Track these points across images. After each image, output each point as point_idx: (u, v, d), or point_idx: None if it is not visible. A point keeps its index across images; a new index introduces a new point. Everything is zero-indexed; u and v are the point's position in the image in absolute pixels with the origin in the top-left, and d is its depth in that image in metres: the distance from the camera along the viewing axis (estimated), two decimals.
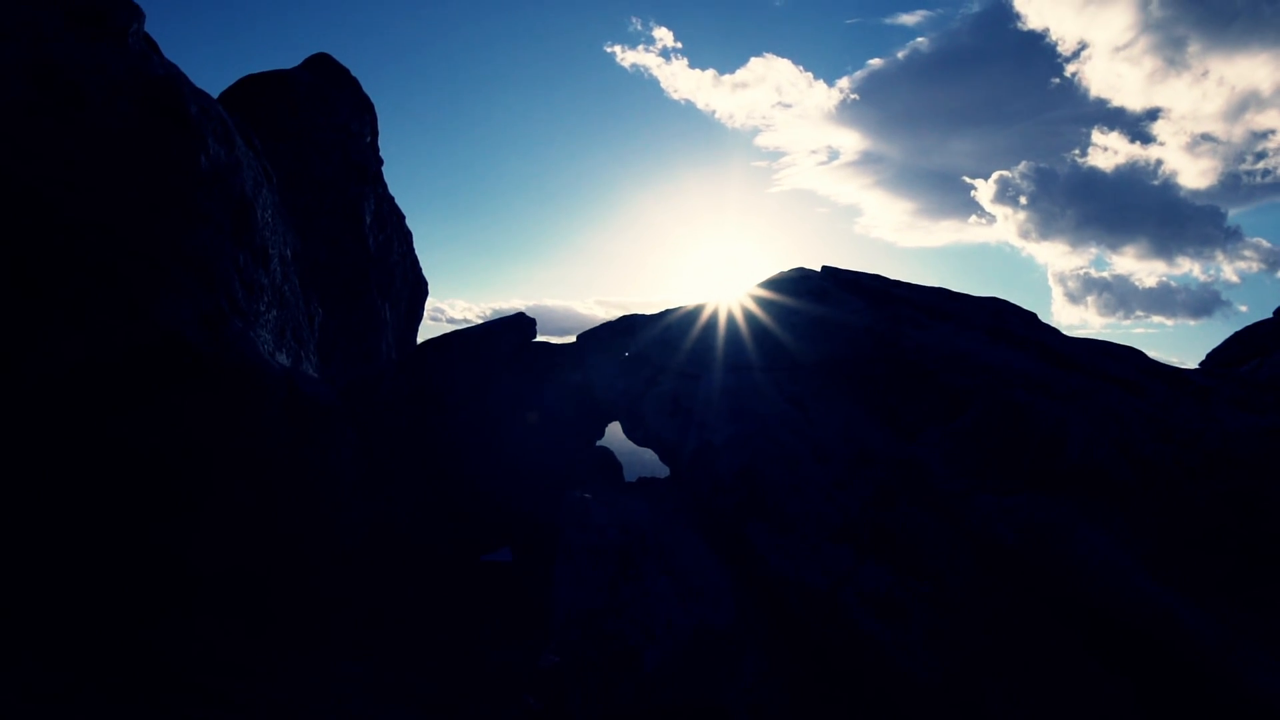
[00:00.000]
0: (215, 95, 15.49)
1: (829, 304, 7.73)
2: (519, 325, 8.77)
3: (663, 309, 8.51)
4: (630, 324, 8.36)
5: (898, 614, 4.84)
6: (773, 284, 8.53)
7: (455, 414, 8.38)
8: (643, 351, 7.93)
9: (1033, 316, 7.65)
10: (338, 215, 15.46)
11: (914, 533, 5.22)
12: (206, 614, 6.18)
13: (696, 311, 8.10)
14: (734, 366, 7.23)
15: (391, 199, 18.40)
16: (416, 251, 19.06)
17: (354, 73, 17.75)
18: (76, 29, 5.82)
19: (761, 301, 7.90)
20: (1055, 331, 7.39)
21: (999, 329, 6.86)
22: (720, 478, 6.12)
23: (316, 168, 15.28)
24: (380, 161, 18.58)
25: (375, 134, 18.17)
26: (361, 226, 15.87)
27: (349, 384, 8.15)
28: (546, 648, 6.59)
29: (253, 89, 15.36)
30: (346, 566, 6.65)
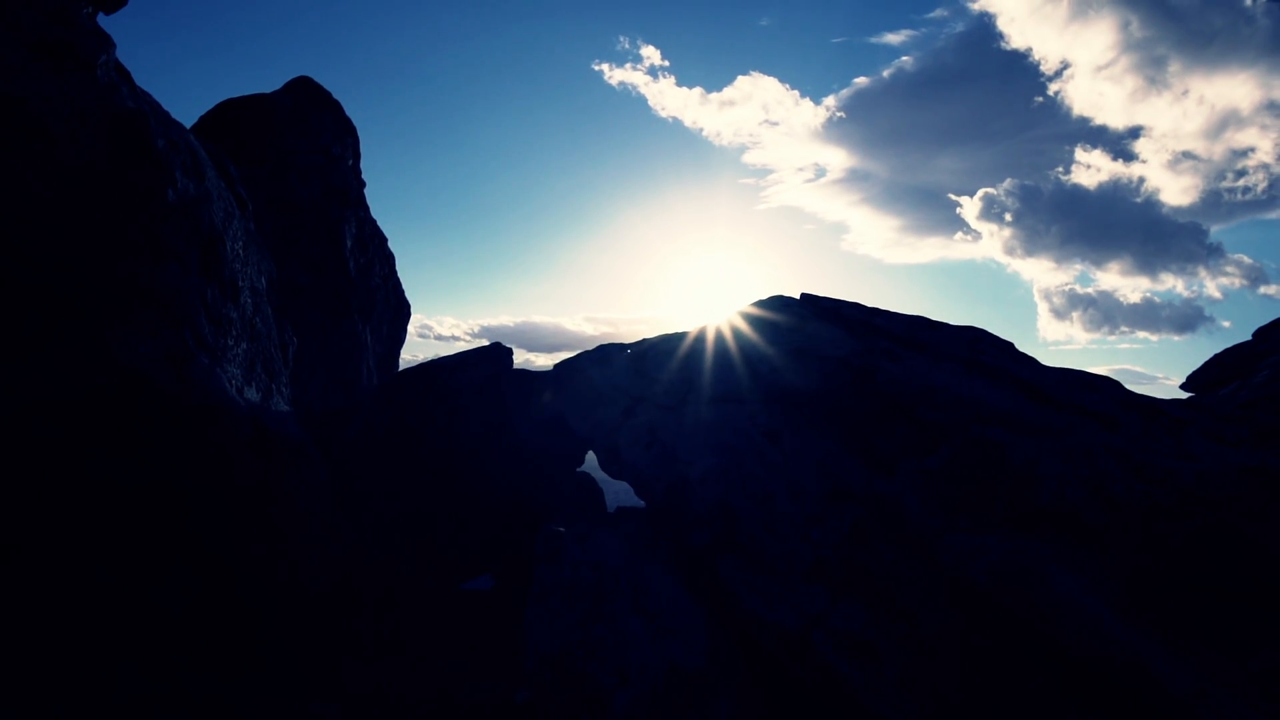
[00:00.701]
0: (197, 118, 15.50)
1: (807, 334, 7.71)
2: (494, 356, 8.71)
3: (640, 339, 8.47)
4: (606, 354, 8.30)
5: (870, 655, 4.77)
6: (751, 313, 8.51)
7: (431, 445, 8.29)
8: (619, 383, 7.88)
9: (1009, 346, 7.64)
10: (318, 239, 15.38)
11: (888, 571, 5.17)
12: (176, 653, 6.06)
13: (674, 341, 8.05)
14: (711, 398, 7.18)
15: (373, 221, 18.35)
16: (404, 270, 19.11)
17: (344, 90, 17.84)
18: (43, 60, 5.75)
19: (739, 332, 7.87)
20: (1032, 362, 7.38)
21: (975, 361, 6.84)
22: (694, 513, 6.05)
23: (297, 191, 15.21)
24: (362, 184, 18.55)
25: (357, 157, 18.14)
26: (342, 250, 15.79)
27: (324, 415, 8.06)
28: (520, 684, 6.49)
29: (232, 113, 15.30)
30: (318, 603, 6.53)
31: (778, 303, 8.70)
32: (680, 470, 6.43)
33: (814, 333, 7.89)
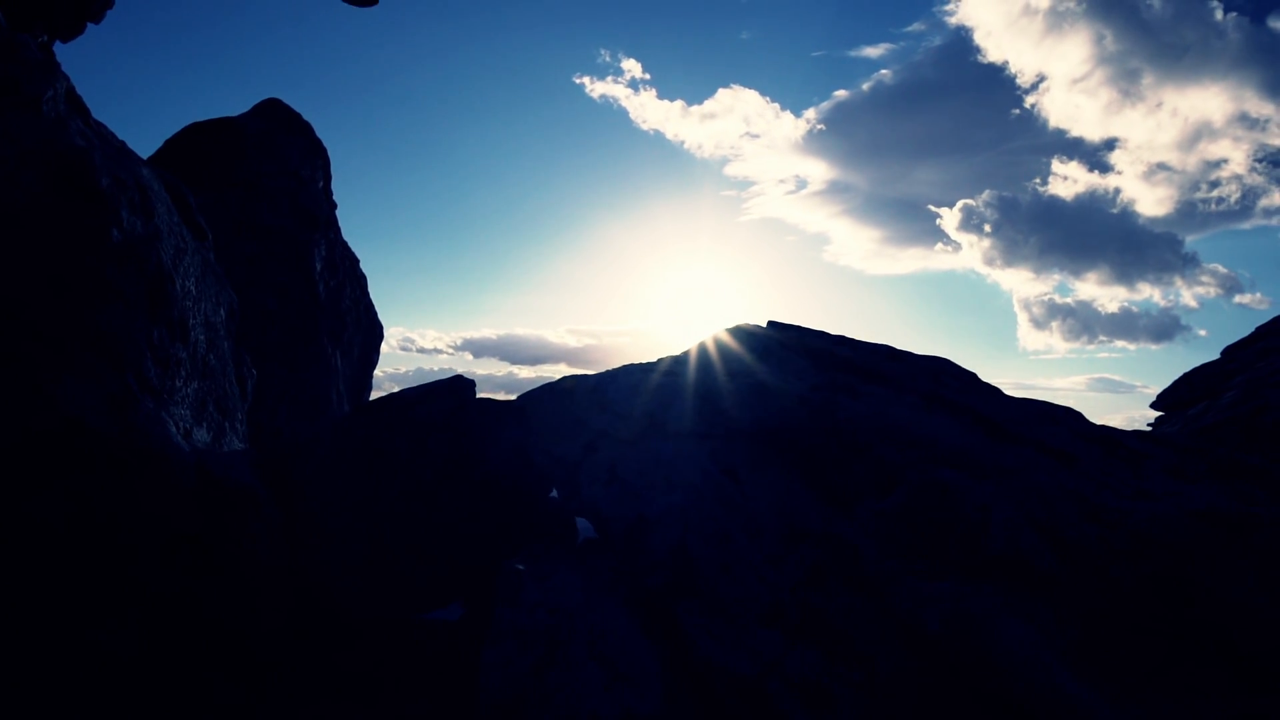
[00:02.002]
0: (163, 140, 15.41)
1: (770, 365, 7.67)
2: (457, 389, 8.61)
3: (605, 369, 8.40)
4: (569, 386, 8.23)
5: (826, 703, 4.70)
6: (717, 342, 8.47)
7: (393, 479, 8.17)
8: (581, 416, 7.80)
9: (972, 378, 7.64)
10: (286, 263, 15.22)
11: (844, 615, 5.11)
12: (122, 696, 5.92)
13: (637, 373, 7.99)
14: (672, 433, 7.11)
15: (345, 244, 18.20)
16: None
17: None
18: None
19: (702, 364, 7.82)
20: (994, 394, 7.37)
21: (936, 394, 6.83)
22: (652, 555, 5.98)
23: (264, 215, 15.06)
24: (333, 206, 18.42)
25: (328, 179, 18.03)
26: (311, 273, 15.64)
27: (283, 448, 7.93)
28: None
29: (198, 137, 15.16)
30: (270, 646, 6.41)
31: (742, 332, 8.67)
32: (639, 509, 6.36)
33: (779, 362, 7.85)
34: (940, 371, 7.72)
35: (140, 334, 5.66)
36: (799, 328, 9.32)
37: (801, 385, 7.08)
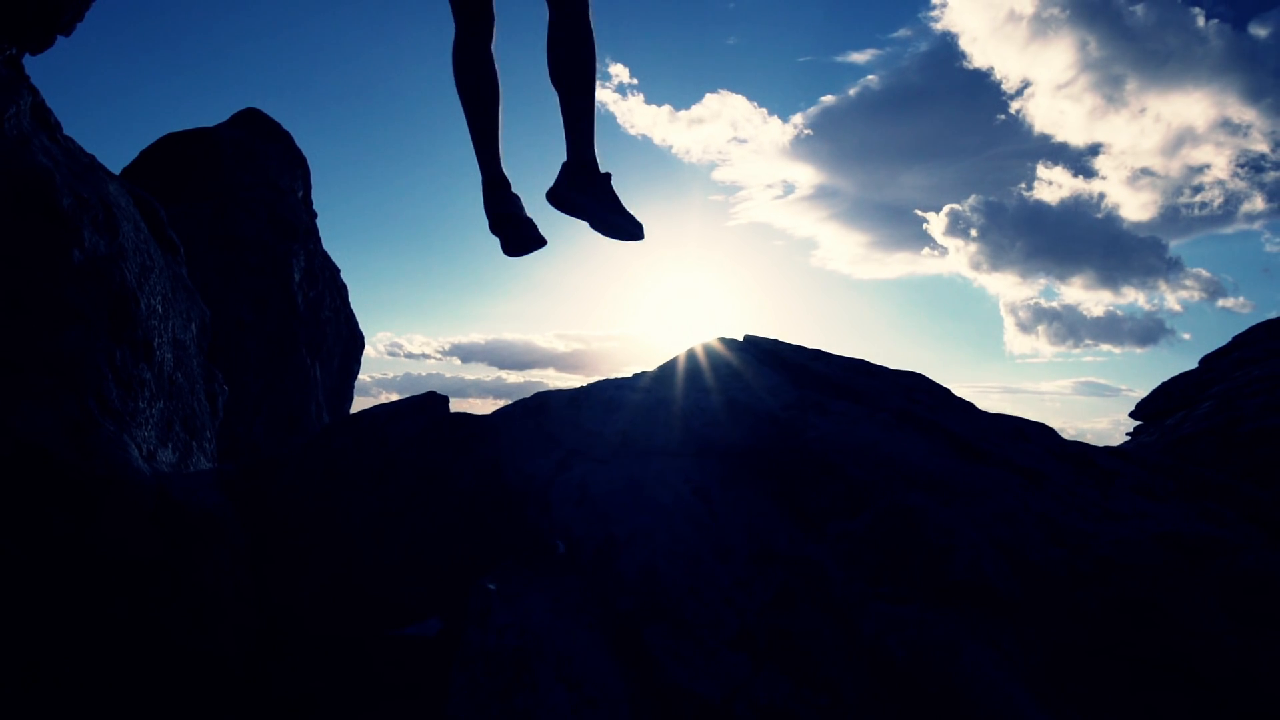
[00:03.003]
0: (139, 151, 15.28)
1: (744, 382, 7.65)
2: (429, 406, 8.55)
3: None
4: (544, 402, 8.18)
5: None
6: (692, 359, 8.46)
7: (364, 495, 8.11)
8: (554, 433, 7.75)
9: (946, 394, 7.65)
10: (264, 274, 15.15)
11: (812, 638, 5.08)
12: None
13: (610, 390, 7.96)
14: (644, 452, 7.08)
15: (325, 254, 18.13)
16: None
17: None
18: None
19: (676, 380, 7.80)
20: (967, 410, 7.37)
21: (908, 412, 6.82)
22: (621, 577, 5.94)
23: (241, 226, 14.99)
24: (313, 215, 18.34)
25: (308, 188, 17.96)
26: (290, 284, 15.57)
27: (251, 467, 7.85)
28: None
29: (174, 147, 15.07)
30: (233, 671, 6.33)
31: (718, 348, 8.66)
32: (609, 529, 6.32)
33: (750, 381, 7.83)
34: (914, 388, 7.71)
35: (102, 356, 5.58)
36: (775, 342, 9.30)
37: (774, 402, 7.05)
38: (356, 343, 19.12)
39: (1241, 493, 6.02)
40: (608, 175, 4.99)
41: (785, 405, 6.80)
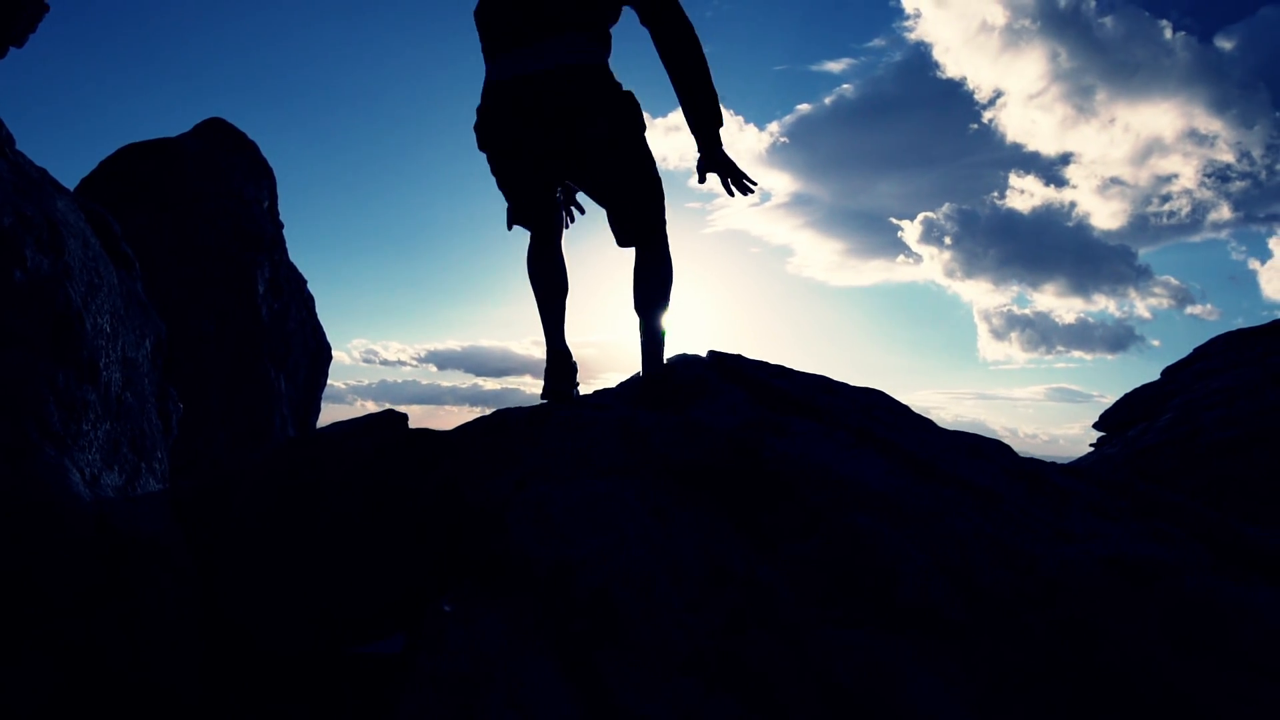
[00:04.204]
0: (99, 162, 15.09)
1: (704, 400, 7.64)
2: (387, 422, 8.46)
3: (538, 403, 8.30)
4: (504, 420, 8.11)
5: None
6: (654, 392, 8.43)
7: (320, 514, 8.00)
8: (514, 451, 7.68)
9: (905, 411, 7.67)
10: (227, 286, 14.99)
11: (763, 663, 5.06)
12: None
13: (572, 407, 7.91)
14: (604, 470, 7.03)
15: (291, 264, 17.98)
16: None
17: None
18: None
19: (636, 398, 7.77)
20: (925, 428, 7.41)
21: (866, 430, 6.84)
22: (575, 599, 5.88)
23: (204, 237, 14.82)
24: (279, 226, 18.18)
25: (274, 199, 17.79)
26: (254, 296, 15.42)
27: (204, 487, 7.72)
28: None
29: (134, 158, 14.87)
30: (187, 695, 6.21)
31: (680, 362, 8.65)
32: (564, 550, 6.26)
33: (715, 394, 7.82)
34: (873, 405, 7.72)
35: (43, 379, 5.48)
36: (738, 358, 9.28)
37: (732, 421, 7.04)
38: (324, 354, 18.95)
39: (1192, 511, 6.08)
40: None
41: (744, 424, 6.80)
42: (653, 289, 7.27)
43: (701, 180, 7.06)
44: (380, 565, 8.35)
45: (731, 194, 7.23)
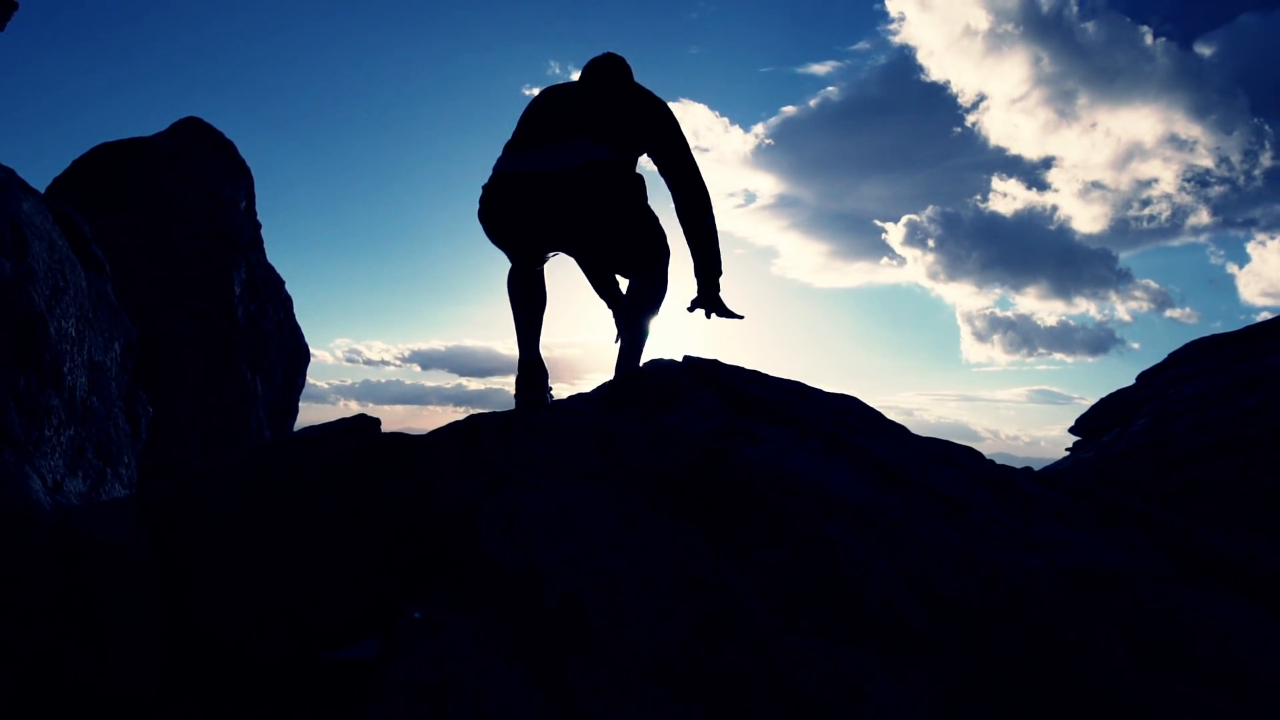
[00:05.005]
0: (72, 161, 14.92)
1: (676, 406, 7.63)
2: (361, 428, 8.40)
3: (511, 409, 8.27)
4: (476, 426, 8.07)
5: None
6: (628, 380, 8.41)
7: (291, 519, 7.93)
8: (486, 457, 7.64)
9: (877, 417, 7.69)
10: (202, 287, 14.84)
11: (730, 671, 5.05)
12: None
13: (545, 413, 7.87)
14: (575, 476, 7.01)
15: (269, 265, 17.82)
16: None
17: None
18: None
19: (608, 403, 7.75)
20: (897, 434, 7.43)
21: (837, 437, 6.85)
22: (543, 607, 5.85)
23: (179, 238, 14.67)
24: (257, 226, 18.03)
25: (251, 199, 17.63)
26: (230, 297, 15.27)
27: (173, 492, 7.64)
28: None
29: (107, 157, 14.71)
30: (150, 705, 6.14)
31: (655, 367, 8.62)
32: (534, 557, 6.22)
33: (688, 400, 7.81)
34: (845, 411, 7.73)
35: (4, 384, 5.40)
36: (714, 363, 9.26)
37: (704, 427, 7.02)
38: (302, 356, 18.80)
39: (1158, 520, 6.12)
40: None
41: (715, 430, 6.79)
42: (644, 299, 7.77)
43: (690, 311, 8.11)
44: (354, 570, 8.30)
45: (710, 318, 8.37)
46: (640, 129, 6.60)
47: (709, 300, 7.83)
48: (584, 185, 6.24)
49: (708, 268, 7.63)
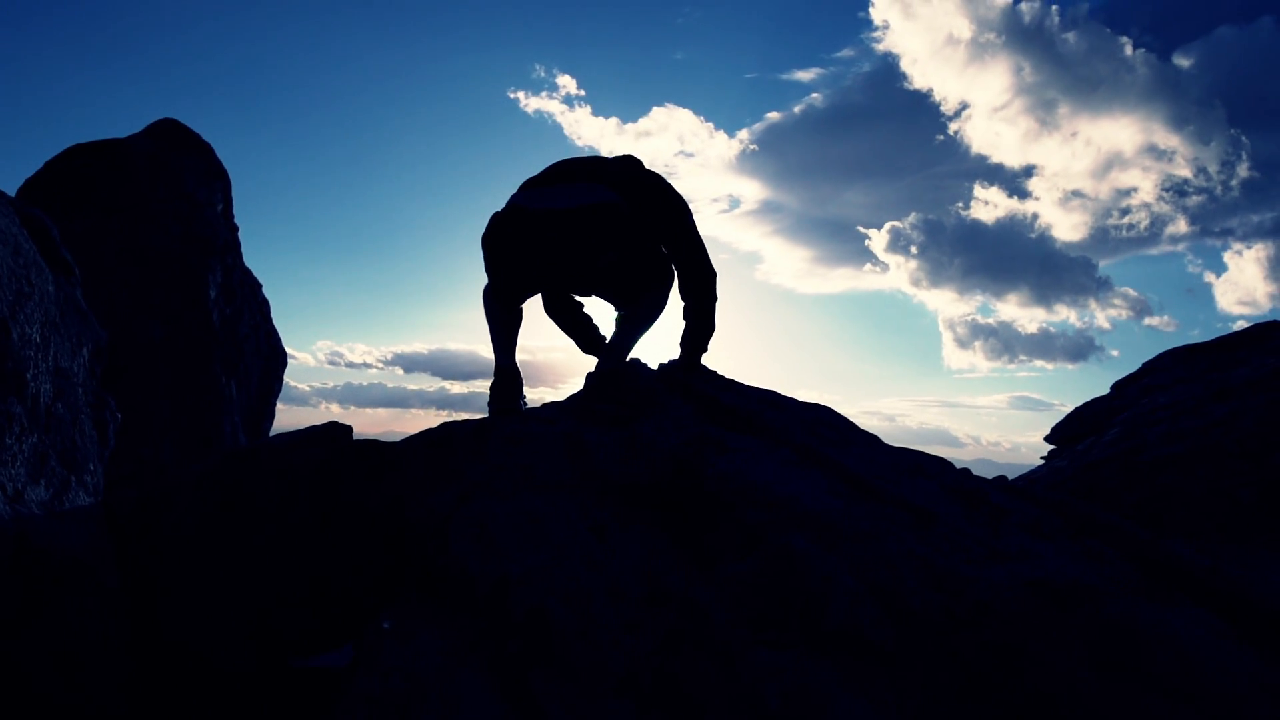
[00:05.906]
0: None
1: (649, 414, 7.62)
2: (332, 436, 8.35)
3: (484, 416, 8.24)
4: (449, 434, 8.03)
5: None
6: (602, 386, 8.39)
7: (262, 527, 7.86)
8: (458, 466, 7.61)
9: (850, 427, 7.71)
10: (177, 290, 14.69)
11: (697, 684, 5.04)
12: None
13: (517, 422, 7.84)
14: (546, 485, 6.98)
15: (245, 269, 17.67)
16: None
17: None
18: None
19: (581, 412, 7.73)
20: (870, 445, 7.45)
21: (809, 447, 6.86)
22: (511, 618, 5.83)
23: (153, 241, 14.51)
24: (234, 229, 17.84)
25: (228, 202, 17.46)
26: (205, 300, 15.12)
27: (140, 499, 7.55)
28: None
29: (81, 159, 14.54)
30: (116, 716, 6.05)
31: (630, 372, 8.61)
32: (504, 568, 6.20)
33: (655, 414, 7.80)
34: (818, 421, 7.74)
35: None
36: (688, 371, 9.27)
37: (676, 437, 7.01)
38: (278, 360, 18.64)
39: (1124, 531, 6.17)
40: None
41: (688, 440, 6.79)
42: (644, 320, 8.19)
43: (662, 368, 8.67)
44: (324, 579, 8.23)
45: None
46: (651, 212, 7.04)
47: (689, 368, 8.36)
48: (592, 223, 6.64)
49: (697, 343, 8.22)
